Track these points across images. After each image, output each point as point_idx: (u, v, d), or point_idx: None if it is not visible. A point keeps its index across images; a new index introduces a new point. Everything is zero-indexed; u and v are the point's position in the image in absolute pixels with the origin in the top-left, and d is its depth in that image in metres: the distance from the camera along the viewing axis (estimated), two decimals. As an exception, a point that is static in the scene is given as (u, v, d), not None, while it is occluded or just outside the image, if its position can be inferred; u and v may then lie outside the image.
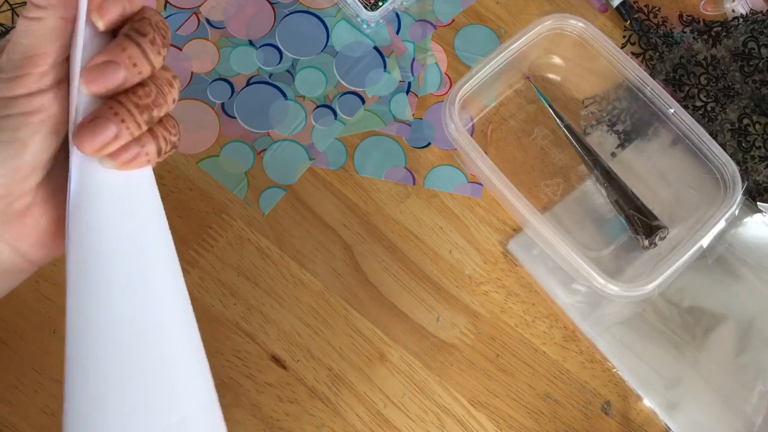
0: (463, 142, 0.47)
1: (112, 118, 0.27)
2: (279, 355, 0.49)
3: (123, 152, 0.27)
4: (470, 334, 0.50)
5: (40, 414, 0.47)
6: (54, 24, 0.27)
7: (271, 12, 0.55)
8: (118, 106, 0.27)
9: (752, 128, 0.53)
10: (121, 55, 0.27)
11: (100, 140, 0.26)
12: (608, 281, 0.44)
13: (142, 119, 0.28)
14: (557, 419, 0.49)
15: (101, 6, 0.27)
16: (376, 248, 0.51)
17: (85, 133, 0.26)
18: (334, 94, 0.54)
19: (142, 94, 0.28)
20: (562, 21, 0.50)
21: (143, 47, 0.27)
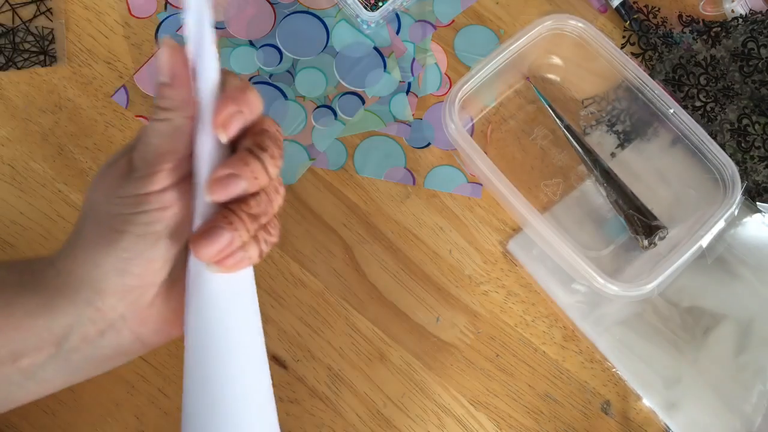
0: (463, 142, 0.47)
1: (227, 227, 0.29)
2: (279, 355, 0.49)
3: (229, 258, 0.29)
4: (470, 334, 0.50)
5: (41, 414, 0.47)
6: (180, 123, 0.29)
7: (271, 12, 0.55)
8: (232, 215, 0.29)
9: (752, 128, 0.53)
10: (244, 169, 0.29)
11: (215, 248, 0.28)
12: (608, 281, 0.44)
13: (252, 227, 0.30)
14: (557, 419, 0.49)
15: (226, 122, 0.29)
16: (376, 248, 0.51)
17: (201, 241, 0.28)
18: (334, 95, 0.54)
19: (254, 203, 0.30)
20: (562, 21, 0.50)
21: (264, 162, 0.29)
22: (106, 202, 0.29)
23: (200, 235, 0.28)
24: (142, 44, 0.53)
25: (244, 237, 0.29)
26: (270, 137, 0.30)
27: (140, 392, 0.47)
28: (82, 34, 0.53)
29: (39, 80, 0.52)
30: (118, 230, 0.29)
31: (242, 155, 0.29)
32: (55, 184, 0.51)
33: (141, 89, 0.53)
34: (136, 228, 0.29)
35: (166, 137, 0.29)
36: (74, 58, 0.53)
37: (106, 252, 0.29)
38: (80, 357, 0.30)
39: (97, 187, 0.30)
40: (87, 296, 0.29)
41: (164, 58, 0.29)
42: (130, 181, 0.29)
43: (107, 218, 0.29)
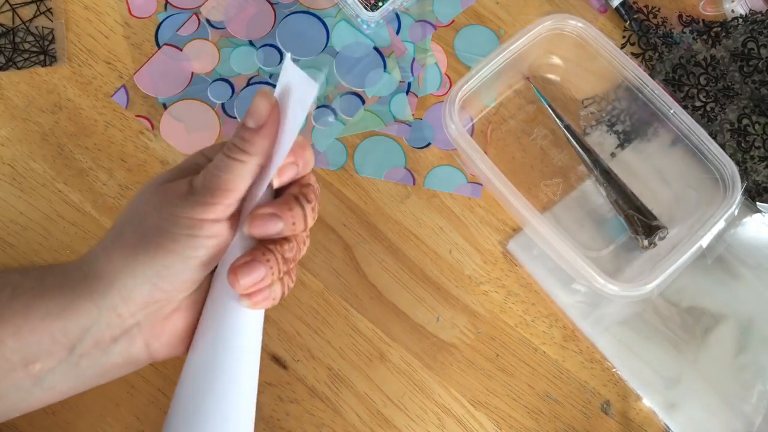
0: (463, 142, 0.47)
1: (265, 263, 0.31)
2: (279, 355, 0.49)
3: (258, 294, 0.31)
4: (470, 334, 0.50)
5: (41, 414, 0.47)
6: (252, 168, 0.31)
7: (271, 12, 0.55)
8: (269, 253, 0.31)
9: (752, 128, 0.53)
10: (287, 213, 0.31)
11: (252, 280, 0.30)
12: (608, 281, 0.44)
13: (282, 269, 0.32)
14: (557, 419, 0.49)
15: (281, 170, 0.32)
16: (376, 248, 0.51)
17: (240, 272, 0.30)
18: (334, 94, 0.54)
19: (287, 248, 0.32)
20: (562, 21, 0.50)
21: (305, 211, 0.32)
22: (156, 216, 0.30)
23: (241, 266, 0.30)
24: (142, 44, 0.53)
25: (275, 277, 0.31)
26: (314, 191, 0.33)
27: (140, 392, 0.47)
28: (82, 34, 0.53)
29: (39, 80, 0.52)
30: (165, 247, 0.30)
31: (288, 200, 0.32)
32: (55, 184, 0.51)
33: (141, 89, 0.53)
34: (182, 250, 0.30)
35: (235, 176, 0.31)
36: (74, 58, 0.53)
37: (145, 263, 0.29)
38: (89, 363, 0.30)
39: (150, 199, 0.31)
40: (112, 301, 0.29)
41: (261, 106, 0.31)
42: (188, 203, 0.30)
43: (154, 231, 0.30)
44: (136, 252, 0.30)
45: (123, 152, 0.52)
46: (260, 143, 0.31)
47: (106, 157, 0.51)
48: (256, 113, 0.31)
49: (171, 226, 0.30)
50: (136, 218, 0.31)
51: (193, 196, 0.30)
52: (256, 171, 0.32)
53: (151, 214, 0.30)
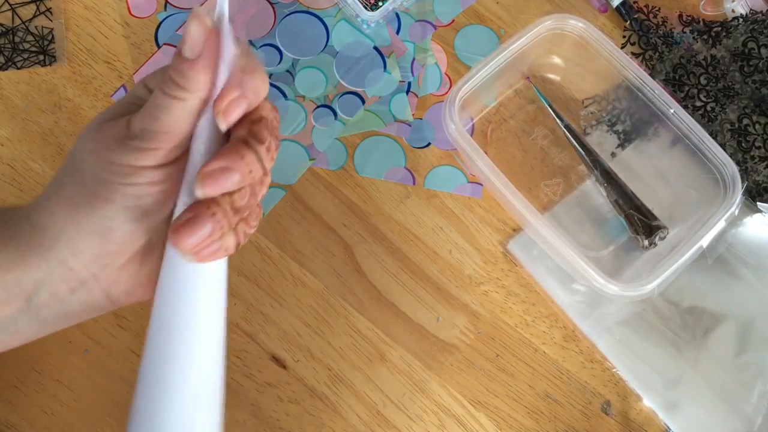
0: (463, 142, 0.47)
1: (210, 218, 0.27)
2: (279, 355, 0.49)
3: (205, 249, 0.28)
4: (470, 334, 0.50)
5: (40, 414, 0.47)
6: (193, 105, 0.28)
7: (271, 12, 0.55)
8: (215, 206, 0.27)
9: (752, 128, 0.53)
10: (239, 162, 0.27)
11: (195, 239, 0.27)
12: (608, 281, 0.44)
13: (234, 220, 0.28)
14: (557, 419, 0.49)
15: (227, 110, 0.28)
16: (376, 248, 0.51)
17: (181, 231, 0.27)
18: (334, 94, 0.54)
19: (238, 196, 0.28)
20: (562, 21, 0.50)
21: (260, 155, 0.28)
22: (94, 164, 0.28)
23: (180, 225, 0.27)
24: (141, 44, 0.53)
25: (225, 230, 0.28)
26: (267, 127, 0.29)
27: (140, 392, 0.47)
28: (81, 33, 0.53)
29: (39, 80, 0.52)
30: (103, 197, 0.27)
31: (238, 146, 0.28)
32: (55, 184, 0.51)
33: (141, 89, 0.53)
34: (123, 199, 0.28)
35: (175, 116, 0.27)
36: (74, 58, 0.53)
37: (87, 215, 0.28)
38: (50, 311, 0.30)
39: (86, 144, 0.28)
40: (61, 255, 0.28)
41: (194, 31, 0.27)
42: (126, 149, 0.27)
43: (93, 181, 0.28)
44: (76, 204, 0.28)
45: (123, 152, 0.52)
46: (200, 77, 0.27)
47: (106, 157, 0.51)
48: (190, 40, 0.27)
49: (109, 175, 0.27)
50: (75, 166, 0.28)
51: (131, 141, 0.27)
52: (200, 106, 0.28)
53: (88, 160, 0.28)
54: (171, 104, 0.27)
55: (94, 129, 0.29)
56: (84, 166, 0.28)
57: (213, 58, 0.28)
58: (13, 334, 0.30)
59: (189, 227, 0.27)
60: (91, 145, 0.28)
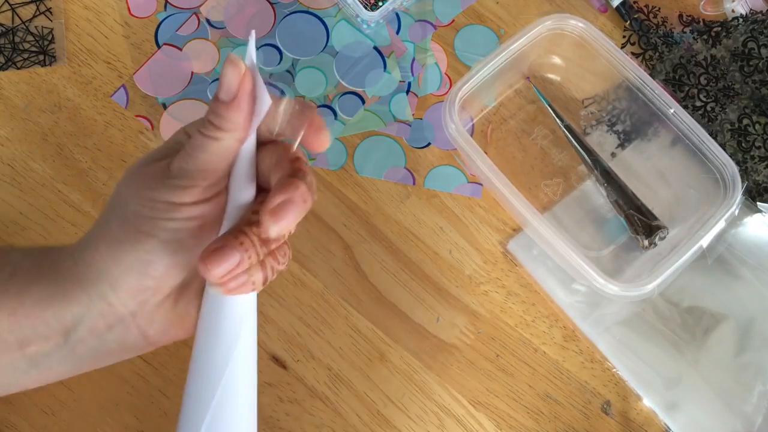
0: (463, 142, 0.47)
1: (238, 247, 0.28)
2: (279, 355, 0.49)
3: (232, 281, 0.28)
4: (470, 334, 0.50)
5: (40, 414, 0.47)
6: (229, 145, 0.29)
7: (271, 12, 0.55)
8: (243, 236, 0.28)
9: (752, 128, 0.53)
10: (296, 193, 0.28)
11: (224, 268, 0.27)
12: (608, 281, 0.44)
13: (262, 252, 0.29)
14: (557, 419, 0.49)
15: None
16: (376, 248, 0.51)
17: (210, 260, 0.27)
18: (334, 94, 0.54)
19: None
20: (562, 21, 0.50)
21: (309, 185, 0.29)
22: (136, 202, 0.29)
23: (210, 254, 0.27)
24: (141, 44, 0.53)
25: (252, 260, 0.29)
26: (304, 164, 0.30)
27: (140, 392, 0.47)
28: (81, 33, 0.53)
29: (39, 80, 0.52)
30: (143, 232, 0.29)
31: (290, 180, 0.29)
32: (55, 184, 0.51)
33: (141, 89, 0.53)
34: (162, 233, 0.29)
35: (211, 155, 0.29)
36: (74, 58, 0.53)
37: (128, 250, 0.29)
38: (86, 349, 0.30)
39: (129, 184, 0.30)
40: (102, 290, 0.29)
41: (230, 76, 0.29)
42: (165, 186, 0.29)
43: (134, 218, 0.29)
44: (119, 240, 0.29)
45: (123, 152, 0.52)
46: (235, 117, 0.29)
47: (106, 157, 0.51)
48: (226, 84, 0.29)
49: (149, 211, 0.29)
50: (118, 204, 0.30)
51: (170, 179, 0.29)
52: (236, 147, 0.30)
53: (131, 199, 0.29)
54: (208, 144, 0.29)
55: (135, 171, 0.30)
56: (126, 203, 0.29)
57: (247, 99, 0.29)
58: (45, 371, 0.30)
59: (217, 256, 0.27)
60: (134, 185, 0.30)
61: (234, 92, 0.29)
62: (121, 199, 0.30)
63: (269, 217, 0.27)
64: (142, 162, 0.31)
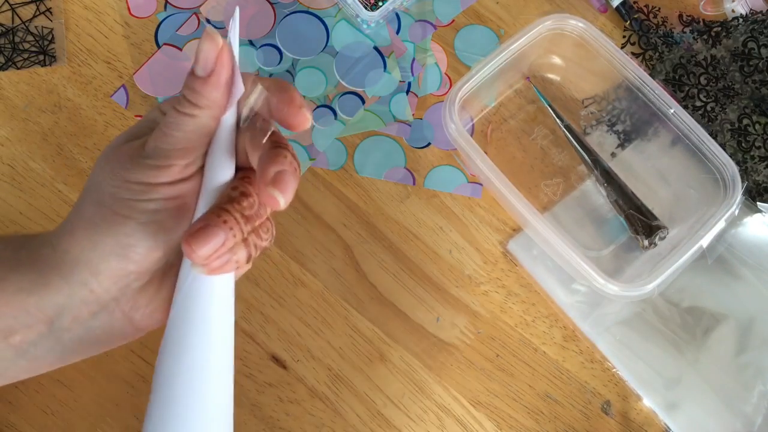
0: (463, 142, 0.47)
1: (222, 225, 0.27)
2: (279, 355, 0.49)
3: (216, 260, 0.27)
4: (470, 334, 0.50)
5: (40, 414, 0.47)
6: (206, 122, 0.28)
7: (271, 12, 0.55)
8: (226, 214, 0.28)
9: (752, 128, 0.53)
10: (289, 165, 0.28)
11: (210, 248, 0.27)
12: (608, 281, 0.44)
13: (245, 229, 0.28)
14: (557, 419, 0.49)
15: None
16: (376, 248, 0.51)
17: (194, 240, 0.27)
18: (334, 94, 0.54)
19: (247, 204, 0.29)
20: (562, 21, 0.50)
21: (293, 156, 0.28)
22: (111, 184, 0.28)
23: (194, 234, 0.27)
24: (141, 44, 0.53)
25: (237, 238, 0.28)
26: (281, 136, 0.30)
27: (140, 392, 0.47)
28: (81, 33, 0.53)
29: (39, 80, 0.52)
30: (121, 215, 0.28)
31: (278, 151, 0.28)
32: (55, 184, 0.51)
33: (141, 89, 0.53)
34: (140, 215, 0.28)
35: (187, 133, 0.28)
36: (74, 58, 0.53)
37: (106, 234, 0.28)
38: (72, 337, 0.30)
39: (104, 166, 0.29)
40: (82, 277, 0.28)
41: (207, 50, 0.27)
42: (140, 167, 0.28)
43: (111, 200, 0.28)
44: (96, 224, 0.28)
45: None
46: (211, 93, 0.28)
47: (106, 157, 0.51)
48: (202, 59, 0.28)
49: (126, 193, 0.28)
50: (93, 188, 0.29)
51: (145, 159, 0.28)
52: (213, 124, 0.29)
53: (106, 181, 0.28)
54: (183, 121, 0.28)
55: (110, 152, 0.29)
56: (102, 186, 0.29)
57: (224, 75, 0.28)
58: (32, 360, 0.30)
59: (202, 236, 0.27)
60: (108, 167, 0.29)
61: (211, 67, 0.28)
62: (96, 182, 0.29)
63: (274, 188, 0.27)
64: (116, 142, 0.30)
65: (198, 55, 0.28)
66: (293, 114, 0.29)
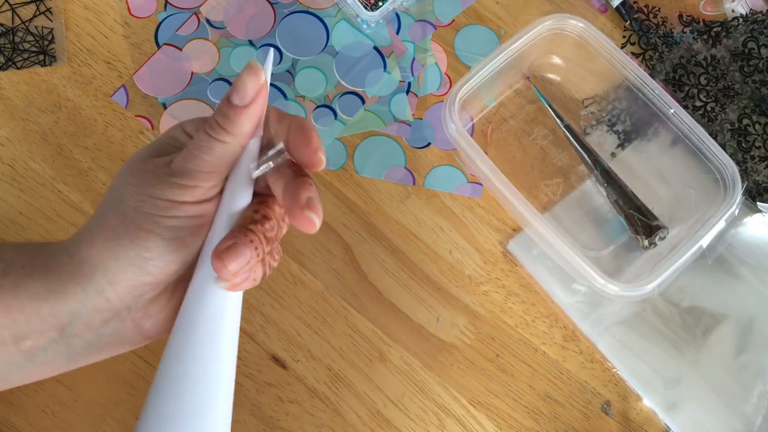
0: (463, 142, 0.47)
1: (249, 245, 0.29)
2: (279, 355, 0.49)
3: (237, 276, 0.29)
4: (470, 334, 0.50)
5: (40, 414, 0.47)
6: (234, 149, 0.30)
7: (271, 12, 0.55)
8: (252, 234, 0.30)
9: (752, 128, 0.53)
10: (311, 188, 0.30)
11: (239, 264, 0.29)
12: (608, 281, 0.44)
13: (266, 250, 0.30)
14: (557, 419, 0.49)
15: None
16: (376, 248, 0.51)
17: (227, 256, 0.28)
18: (334, 94, 0.54)
19: (269, 227, 0.31)
20: (562, 21, 0.50)
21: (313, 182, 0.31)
22: (136, 198, 0.29)
23: (225, 250, 0.28)
24: (141, 44, 0.53)
25: (259, 257, 0.30)
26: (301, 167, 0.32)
27: (140, 392, 0.47)
28: (81, 33, 0.53)
29: (39, 80, 0.52)
30: (144, 228, 0.29)
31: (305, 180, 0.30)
32: (55, 184, 0.51)
33: (141, 89, 0.53)
34: (163, 231, 0.29)
35: (216, 158, 0.30)
36: (74, 58, 0.53)
37: (127, 246, 0.29)
38: (81, 343, 0.30)
39: (128, 180, 0.30)
40: (99, 285, 0.29)
41: (249, 83, 0.29)
42: (167, 184, 0.29)
43: (134, 214, 0.29)
44: (117, 235, 0.29)
45: (123, 152, 0.52)
46: (245, 123, 0.30)
47: (106, 157, 0.51)
48: (242, 90, 0.29)
49: (150, 208, 0.29)
50: (116, 200, 0.30)
51: (173, 178, 0.29)
52: (239, 152, 0.31)
53: (130, 195, 0.29)
54: (213, 145, 0.29)
55: (133, 166, 0.31)
56: (125, 199, 0.29)
57: (260, 109, 0.30)
58: (40, 365, 0.30)
59: (233, 253, 0.28)
60: (132, 180, 0.30)
61: (250, 99, 0.29)
62: (119, 195, 0.30)
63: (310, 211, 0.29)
64: (138, 157, 0.31)
65: (238, 85, 0.29)
66: (309, 155, 0.31)
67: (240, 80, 0.29)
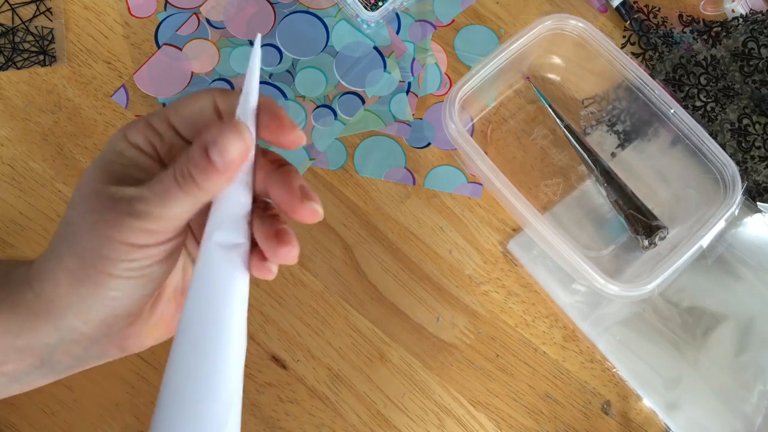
0: (463, 142, 0.47)
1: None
2: (279, 355, 0.49)
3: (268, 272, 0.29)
4: (470, 334, 0.50)
5: (40, 414, 0.47)
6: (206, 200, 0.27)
7: (271, 12, 0.55)
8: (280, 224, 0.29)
9: (752, 128, 0.53)
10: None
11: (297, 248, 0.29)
12: (608, 281, 0.44)
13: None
14: (557, 419, 0.49)
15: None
16: (376, 248, 0.51)
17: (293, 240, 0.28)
18: (334, 94, 0.54)
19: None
20: (562, 21, 0.50)
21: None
22: (93, 240, 0.26)
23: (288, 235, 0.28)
24: (141, 44, 0.53)
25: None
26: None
27: (140, 392, 0.47)
28: (81, 33, 0.53)
29: (39, 80, 0.52)
30: (105, 273, 0.27)
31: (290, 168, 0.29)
32: (55, 184, 0.51)
33: (141, 89, 0.53)
34: (126, 272, 0.27)
35: (183, 209, 0.27)
36: (74, 58, 0.53)
37: (92, 290, 0.27)
38: (65, 365, 0.30)
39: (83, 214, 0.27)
40: (71, 324, 0.28)
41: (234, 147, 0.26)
42: (128, 228, 0.26)
43: (92, 257, 0.26)
44: (79, 279, 0.27)
45: (123, 152, 0.52)
46: (222, 183, 0.27)
47: (106, 157, 0.51)
48: (226, 152, 0.26)
49: (109, 251, 0.26)
50: (71, 235, 0.27)
51: (135, 222, 0.26)
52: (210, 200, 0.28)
53: (86, 233, 0.27)
54: (182, 198, 0.26)
55: (86, 196, 0.27)
56: (82, 239, 0.27)
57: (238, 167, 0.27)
58: (27, 384, 0.30)
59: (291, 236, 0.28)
60: (88, 215, 0.27)
61: (230, 163, 0.26)
62: (74, 231, 0.27)
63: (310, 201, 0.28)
64: (90, 185, 0.27)
65: (220, 143, 0.26)
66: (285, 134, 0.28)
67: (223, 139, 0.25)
